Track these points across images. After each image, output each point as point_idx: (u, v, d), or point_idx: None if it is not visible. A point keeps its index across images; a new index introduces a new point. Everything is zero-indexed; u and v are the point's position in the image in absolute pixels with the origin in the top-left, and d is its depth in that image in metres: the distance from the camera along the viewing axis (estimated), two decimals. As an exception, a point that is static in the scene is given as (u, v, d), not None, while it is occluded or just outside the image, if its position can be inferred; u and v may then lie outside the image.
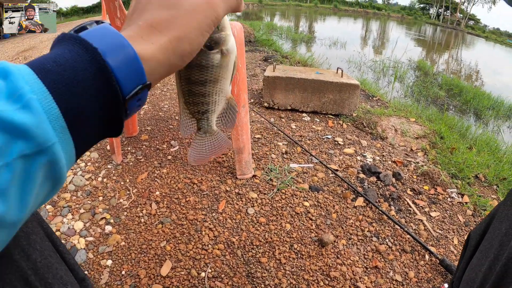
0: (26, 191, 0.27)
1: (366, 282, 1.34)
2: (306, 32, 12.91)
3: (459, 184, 2.03)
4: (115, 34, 0.33)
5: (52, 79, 0.28)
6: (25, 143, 0.26)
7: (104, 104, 0.31)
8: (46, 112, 0.27)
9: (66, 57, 0.30)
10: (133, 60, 0.33)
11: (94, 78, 0.30)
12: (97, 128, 0.32)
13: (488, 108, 5.44)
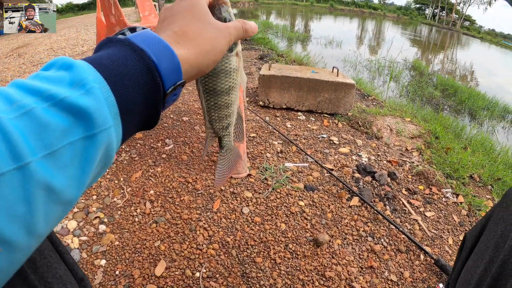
0: (85, 170, 0.30)
1: (361, 282, 1.34)
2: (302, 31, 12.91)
3: (454, 184, 2.04)
4: (158, 38, 0.38)
5: (108, 73, 0.33)
6: (87, 125, 0.30)
7: (148, 97, 0.36)
8: (105, 99, 0.31)
9: (118, 55, 0.34)
10: (173, 61, 0.38)
11: (142, 74, 0.35)
12: (139, 117, 0.37)
13: (483, 108, 5.46)
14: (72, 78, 0.31)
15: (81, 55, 4.32)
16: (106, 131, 0.31)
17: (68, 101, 0.29)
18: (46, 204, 0.28)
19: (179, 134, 2.22)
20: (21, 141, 0.26)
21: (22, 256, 0.28)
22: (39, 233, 0.28)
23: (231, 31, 0.47)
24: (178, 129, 2.27)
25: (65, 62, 0.32)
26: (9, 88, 0.29)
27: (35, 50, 4.73)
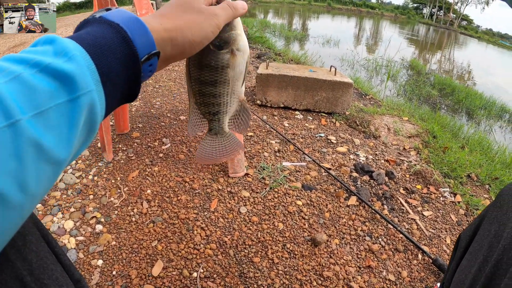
0: (71, 131, 0.33)
1: (359, 282, 1.33)
2: (299, 30, 12.90)
3: (451, 183, 2.04)
4: (129, 14, 0.42)
5: (87, 44, 0.36)
6: (71, 88, 0.33)
7: (127, 64, 0.39)
8: (87, 66, 0.34)
9: (96, 30, 0.38)
10: (145, 32, 0.41)
11: (120, 45, 0.38)
12: (120, 87, 0.40)
13: (480, 107, 5.47)
14: (55, 49, 0.34)
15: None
16: (88, 93, 0.34)
17: (53, 67, 0.32)
18: (36, 162, 0.30)
19: (176, 133, 2.21)
20: (11, 102, 0.28)
21: (17, 216, 0.30)
22: (32, 191, 0.30)
23: (217, 12, 0.50)
24: (175, 128, 2.26)
25: (48, 37, 0.36)
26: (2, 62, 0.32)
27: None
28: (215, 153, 0.67)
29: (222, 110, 0.60)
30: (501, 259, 0.61)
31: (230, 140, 0.67)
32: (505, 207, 0.68)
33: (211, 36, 0.50)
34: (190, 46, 0.47)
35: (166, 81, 3.16)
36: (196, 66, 0.55)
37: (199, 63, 0.55)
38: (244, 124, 0.66)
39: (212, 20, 0.49)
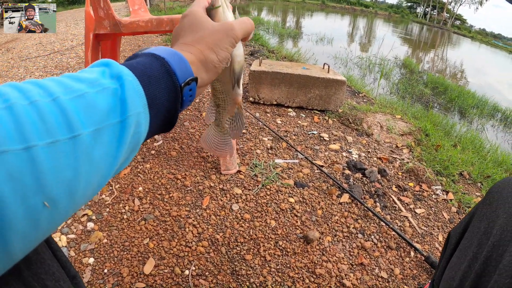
0: (119, 149, 0.36)
1: (352, 279, 1.33)
2: (293, 27, 12.89)
3: (443, 181, 2.04)
4: (170, 49, 0.47)
5: (138, 72, 0.40)
6: (123, 110, 0.36)
7: (168, 92, 0.43)
8: (135, 90, 0.38)
9: (145, 61, 0.43)
10: (184, 62, 0.46)
11: (164, 75, 0.43)
12: (163, 111, 0.44)
13: (473, 106, 5.50)
14: (111, 72, 0.38)
15: (70, 50, 4.26)
16: (137, 115, 0.38)
17: (111, 90, 0.36)
18: (87, 173, 0.33)
19: (169, 130, 2.19)
20: (75, 117, 0.32)
21: (61, 220, 0.33)
22: (77, 199, 0.33)
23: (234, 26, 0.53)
24: (168, 125, 2.25)
25: (105, 61, 0.40)
26: (62, 78, 0.36)
27: (24, 45, 4.66)
28: (211, 142, 0.72)
29: (221, 105, 0.66)
30: (490, 256, 0.61)
31: (224, 139, 0.72)
32: (494, 204, 0.68)
33: (231, 50, 0.53)
34: (219, 65, 0.52)
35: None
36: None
37: None
38: (238, 129, 0.70)
39: (229, 35, 0.52)
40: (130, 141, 0.38)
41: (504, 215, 0.63)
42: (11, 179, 0.27)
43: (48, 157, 0.30)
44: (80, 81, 0.35)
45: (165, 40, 4.56)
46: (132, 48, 4.15)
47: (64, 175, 0.30)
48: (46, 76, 3.05)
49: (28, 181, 0.28)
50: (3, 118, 0.28)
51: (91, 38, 1.59)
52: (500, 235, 0.61)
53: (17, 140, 0.28)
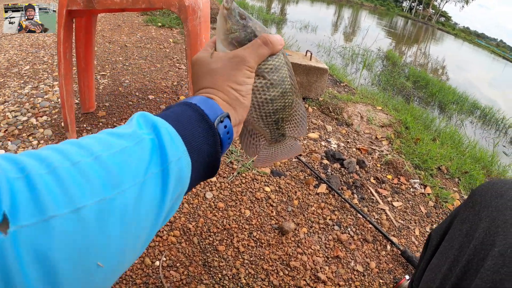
0: (164, 197, 0.37)
1: (327, 272, 1.31)
2: (277, 13, 12.77)
3: (422, 175, 2.04)
4: (196, 96, 0.49)
5: (171, 119, 0.42)
6: (163, 158, 0.37)
7: (205, 133, 0.44)
8: (173, 138, 0.39)
9: (176, 110, 0.45)
10: (211, 104, 0.47)
11: (197, 118, 0.44)
12: (203, 158, 0.44)
13: (453, 102, 5.56)
14: (146, 123, 0.40)
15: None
16: (177, 161, 0.38)
17: (148, 140, 0.37)
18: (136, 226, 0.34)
19: (145, 113, 2.11)
20: (118, 172, 0.33)
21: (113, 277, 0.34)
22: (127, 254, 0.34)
23: (245, 57, 0.51)
24: (143, 108, 2.17)
25: (140, 114, 0.42)
26: (101, 134, 0.37)
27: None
28: (275, 157, 0.69)
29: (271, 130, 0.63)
30: (472, 260, 0.60)
31: (289, 143, 0.68)
32: (477, 207, 0.67)
33: (250, 81, 0.52)
34: (244, 100, 0.52)
35: (137, 59, 3.04)
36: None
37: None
38: (301, 127, 0.67)
39: (240, 68, 0.51)
40: (174, 189, 0.38)
41: (487, 218, 0.62)
42: (62, 243, 0.27)
43: (97, 216, 0.30)
44: (118, 137, 0.36)
45: (146, 20, 4.43)
46: (112, 27, 4.01)
47: (113, 231, 0.31)
48: (21, 55, 2.93)
49: (80, 243, 0.28)
50: (49, 183, 0.28)
51: (64, 15, 1.50)
52: (482, 238, 0.60)
53: (65, 204, 0.28)
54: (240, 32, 0.53)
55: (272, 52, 0.53)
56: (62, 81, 1.62)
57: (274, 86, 0.56)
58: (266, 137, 0.64)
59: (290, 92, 0.58)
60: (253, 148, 0.66)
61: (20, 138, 1.78)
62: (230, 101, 0.50)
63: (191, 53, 1.41)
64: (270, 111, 0.58)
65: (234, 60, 0.51)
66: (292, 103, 0.60)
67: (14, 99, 2.15)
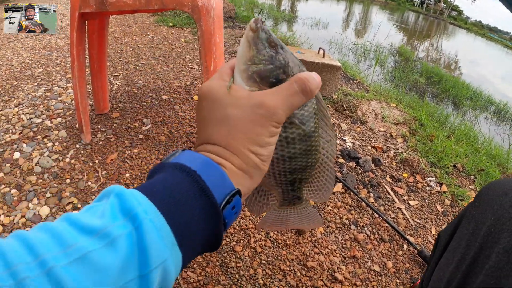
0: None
1: (344, 272, 1.30)
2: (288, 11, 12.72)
3: (437, 173, 2.01)
4: (200, 156, 0.37)
5: (160, 200, 0.32)
6: (142, 263, 0.29)
7: (206, 218, 0.34)
8: (158, 231, 0.30)
9: (171, 180, 0.34)
10: (221, 176, 0.36)
11: (198, 197, 0.33)
12: (200, 240, 0.34)
13: (467, 98, 5.48)
14: (123, 208, 0.30)
15: (59, 30, 4.13)
16: (161, 265, 0.30)
17: (124, 237, 0.28)
18: None
19: (158, 113, 2.12)
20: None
21: None
22: None
23: (277, 108, 0.38)
24: (157, 108, 2.18)
25: (116, 191, 0.32)
26: (62, 226, 0.28)
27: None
28: (286, 223, 0.57)
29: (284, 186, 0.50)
30: (477, 257, 0.61)
31: (306, 210, 0.56)
32: (483, 206, 0.68)
33: (274, 140, 0.40)
34: (263, 166, 0.40)
35: (150, 59, 3.05)
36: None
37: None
38: (325, 191, 0.53)
39: (266, 125, 0.38)
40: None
41: (492, 217, 0.63)
42: None
43: None
44: (83, 232, 0.28)
45: (157, 21, 4.44)
46: (123, 28, 4.03)
47: None
48: (34, 57, 2.95)
49: None
50: None
51: (76, 18, 1.51)
52: (487, 236, 0.62)
53: None
54: (266, 65, 0.40)
55: (306, 99, 0.41)
56: (76, 83, 1.64)
57: (295, 142, 0.44)
58: (277, 197, 0.52)
59: (315, 151, 0.46)
60: (258, 207, 0.53)
61: (35, 140, 1.80)
62: (246, 168, 0.38)
63: (205, 53, 1.41)
64: (286, 170, 0.46)
65: (259, 111, 0.38)
66: (316, 163, 0.48)
67: (28, 101, 2.17)
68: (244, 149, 0.38)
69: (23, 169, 1.62)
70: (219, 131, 0.39)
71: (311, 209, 0.55)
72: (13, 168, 1.63)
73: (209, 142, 0.40)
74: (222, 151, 0.38)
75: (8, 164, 1.65)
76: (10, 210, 1.42)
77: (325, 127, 0.47)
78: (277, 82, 0.40)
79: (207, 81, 0.42)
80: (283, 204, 0.53)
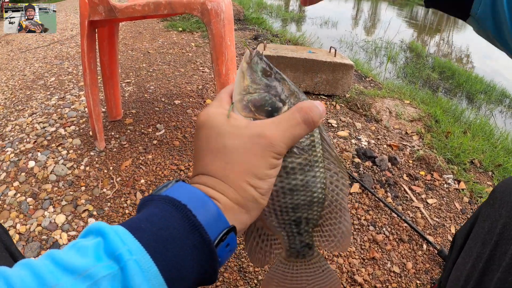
0: None
1: (363, 275, 1.28)
2: (296, 11, 12.70)
3: (455, 169, 1.97)
4: (192, 188, 0.35)
5: (147, 238, 0.30)
6: None
7: (198, 257, 0.32)
8: (144, 272, 0.28)
9: (158, 216, 0.32)
10: (215, 211, 0.34)
11: (189, 234, 0.31)
12: (192, 279, 0.32)
13: (481, 92, 5.39)
14: (107, 249, 0.29)
15: (70, 39, 4.18)
16: None
17: (106, 282, 0.27)
18: None
19: (171, 118, 2.12)
20: None
21: None
22: None
23: (277, 139, 0.36)
24: (169, 113, 2.18)
25: (99, 228, 0.31)
26: (44, 264, 0.27)
27: (24, 37, 4.56)
28: (294, 282, 0.47)
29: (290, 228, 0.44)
30: (493, 255, 0.61)
31: (320, 266, 0.48)
32: (497, 204, 0.69)
33: (274, 173, 0.37)
34: (262, 200, 0.37)
35: (161, 65, 3.06)
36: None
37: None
38: (343, 236, 0.47)
39: (266, 156, 0.36)
40: None
41: (506, 214, 0.64)
42: None
43: None
44: (66, 272, 0.27)
45: (167, 26, 4.45)
46: (133, 35, 4.05)
47: None
48: (46, 67, 2.98)
49: None
50: None
51: (86, 26, 1.51)
52: (502, 233, 0.62)
53: None
54: (260, 94, 0.39)
55: (308, 130, 0.39)
56: (88, 91, 1.64)
57: (295, 172, 0.40)
58: (283, 244, 0.45)
59: (320, 184, 0.42)
60: (260, 255, 0.46)
61: (49, 149, 1.81)
62: (243, 201, 0.36)
63: (216, 56, 1.40)
64: (287, 206, 0.41)
65: (259, 142, 0.36)
66: (323, 200, 0.43)
67: (41, 110, 2.19)
68: (242, 181, 0.36)
69: (38, 177, 1.63)
70: (215, 162, 0.37)
71: (326, 265, 0.48)
72: (28, 176, 1.64)
73: (205, 173, 0.37)
74: (218, 183, 0.36)
75: (23, 173, 1.66)
76: (26, 219, 1.43)
77: (331, 158, 0.43)
78: (273, 111, 0.39)
79: (206, 108, 0.41)
80: (290, 254, 0.46)
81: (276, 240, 0.46)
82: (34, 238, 1.35)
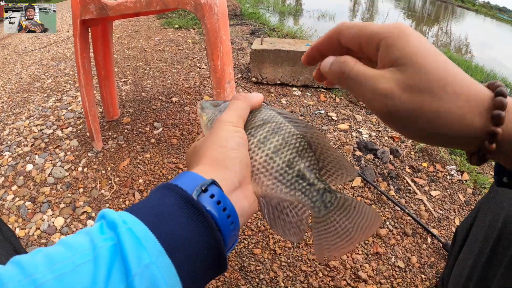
0: None
1: (367, 270, 1.25)
2: (293, 4, 12.63)
3: (457, 160, 1.95)
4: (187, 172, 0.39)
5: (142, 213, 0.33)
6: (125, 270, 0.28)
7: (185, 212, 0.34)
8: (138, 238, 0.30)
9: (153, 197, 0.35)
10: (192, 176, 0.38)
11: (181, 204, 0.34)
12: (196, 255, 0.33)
13: (481, 81, 5.35)
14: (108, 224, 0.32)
15: (66, 40, 4.15)
16: (145, 270, 0.29)
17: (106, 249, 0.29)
18: None
19: (168, 116, 2.10)
20: None
21: None
22: None
23: (224, 116, 0.46)
24: (167, 111, 2.15)
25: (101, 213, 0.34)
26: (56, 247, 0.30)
27: (20, 40, 4.54)
28: (344, 234, 0.46)
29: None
30: (496, 249, 0.61)
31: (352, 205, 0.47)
32: (498, 197, 0.67)
33: (237, 134, 0.45)
34: (232, 151, 0.42)
35: (157, 62, 3.03)
36: None
37: None
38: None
39: (222, 128, 0.44)
40: None
41: (508, 206, 0.63)
42: None
43: None
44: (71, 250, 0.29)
45: (163, 23, 4.42)
46: (129, 33, 4.02)
47: None
48: (42, 69, 2.96)
49: None
50: None
51: (78, 25, 1.49)
52: (505, 227, 0.61)
53: None
54: (215, 113, 0.51)
55: (251, 105, 0.48)
56: (83, 91, 1.62)
57: (270, 136, 0.46)
58: (306, 205, 0.46)
59: (295, 134, 0.46)
60: (293, 229, 0.46)
61: (47, 151, 1.79)
62: (218, 161, 0.41)
63: (211, 51, 1.37)
64: (282, 166, 0.45)
65: (215, 125, 0.45)
66: (308, 143, 0.46)
67: (38, 113, 2.17)
68: (211, 149, 0.42)
69: (36, 180, 1.61)
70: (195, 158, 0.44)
71: (355, 201, 0.47)
72: (26, 180, 1.62)
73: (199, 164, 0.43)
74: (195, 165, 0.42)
75: (21, 176, 1.64)
76: (25, 223, 1.41)
77: (298, 122, 0.48)
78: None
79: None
80: (318, 209, 0.46)
81: (298, 206, 0.47)
82: (33, 242, 1.33)
